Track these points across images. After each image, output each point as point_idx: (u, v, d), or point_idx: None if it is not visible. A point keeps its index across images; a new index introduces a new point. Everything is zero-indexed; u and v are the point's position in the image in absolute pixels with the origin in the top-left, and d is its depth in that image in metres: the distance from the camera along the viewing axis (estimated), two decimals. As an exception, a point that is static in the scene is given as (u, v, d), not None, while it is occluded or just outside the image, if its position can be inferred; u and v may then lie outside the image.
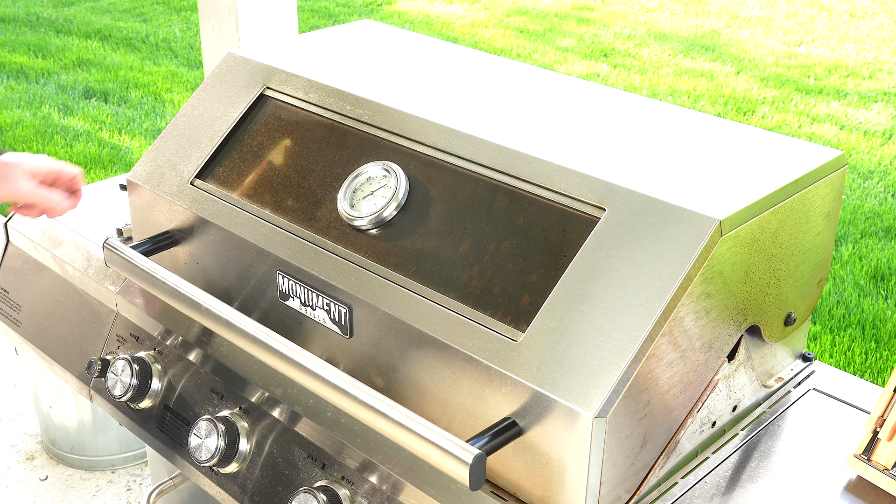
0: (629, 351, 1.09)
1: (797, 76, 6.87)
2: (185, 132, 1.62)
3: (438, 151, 1.37)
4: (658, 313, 1.10)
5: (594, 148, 1.33)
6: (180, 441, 1.50)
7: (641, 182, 1.22)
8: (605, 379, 1.09)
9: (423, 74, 1.62)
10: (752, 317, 1.27)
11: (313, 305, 1.36)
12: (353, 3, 8.64)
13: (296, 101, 1.55)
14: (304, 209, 1.44)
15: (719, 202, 1.17)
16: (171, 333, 1.56)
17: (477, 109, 1.46)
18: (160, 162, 1.60)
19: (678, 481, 1.25)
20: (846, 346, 3.73)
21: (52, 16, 7.88)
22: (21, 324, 1.83)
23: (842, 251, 4.44)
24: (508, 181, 1.29)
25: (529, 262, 1.22)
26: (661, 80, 6.77)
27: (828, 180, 1.32)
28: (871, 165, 5.41)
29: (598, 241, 1.18)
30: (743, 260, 1.20)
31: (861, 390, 1.44)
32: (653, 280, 1.12)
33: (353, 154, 1.45)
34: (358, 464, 1.30)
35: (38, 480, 3.02)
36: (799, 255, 1.33)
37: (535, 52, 7.37)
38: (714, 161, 1.32)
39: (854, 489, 1.25)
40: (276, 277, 1.40)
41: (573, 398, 1.09)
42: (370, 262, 1.33)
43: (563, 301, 1.16)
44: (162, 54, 7.07)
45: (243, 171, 1.53)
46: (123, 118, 5.81)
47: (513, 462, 1.18)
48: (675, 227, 1.15)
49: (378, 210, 1.34)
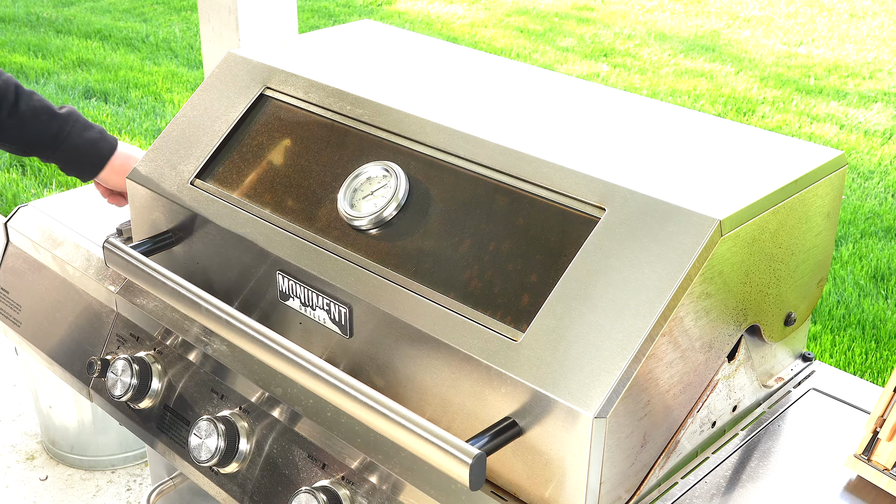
0: (629, 351, 1.09)
1: (797, 76, 6.88)
2: (185, 132, 1.62)
3: (438, 151, 1.37)
4: (658, 313, 1.10)
5: (594, 148, 1.33)
6: (180, 441, 1.50)
7: (641, 182, 1.22)
8: (605, 379, 1.09)
9: (423, 74, 1.62)
10: (752, 317, 1.27)
11: (313, 305, 1.36)
12: (353, 3, 8.64)
13: (296, 101, 1.55)
14: (304, 209, 1.44)
15: (719, 202, 1.17)
16: (171, 333, 1.56)
17: (477, 109, 1.46)
18: (160, 162, 1.60)
19: (678, 481, 1.25)
20: (846, 346, 3.73)
21: (52, 16, 7.88)
22: (21, 324, 1.83)
23: (842, 251, 4.44)
24: (508, 181, 1.29)
25: (529, 262, 1.23)
26: (661, 80, 6.77)
27: (828, 180, 1.32)
28: (871, 165, 5.41)
29: (598, 241, 1.18)
30: (743, 260, 1.20)
31: (861, 390, 1.44)
32: (653, 280, 1.12)
33: (353, 154, 1.45)
34: (358, 464, 1.30)
35: (38, 480, 3.02)
36: (799, 255, 1.33)
37: (536, 52, 7.37)
38: (714, 161, 1.32)
39: (854, 489, 1.25)
40: (276, 277, 1.40)
41: (573, 398, 1.09)
42: (370, 262, 1.33)
43: (563, 301, 1.16)
44: (162, 54, 7.07)
45: (243, 171, 1.53)
46: (123, 118, 5.81)
47: (513, 462, 1.18)
48: (676, 227, 1.15)
49: (378, 210, 1.34)
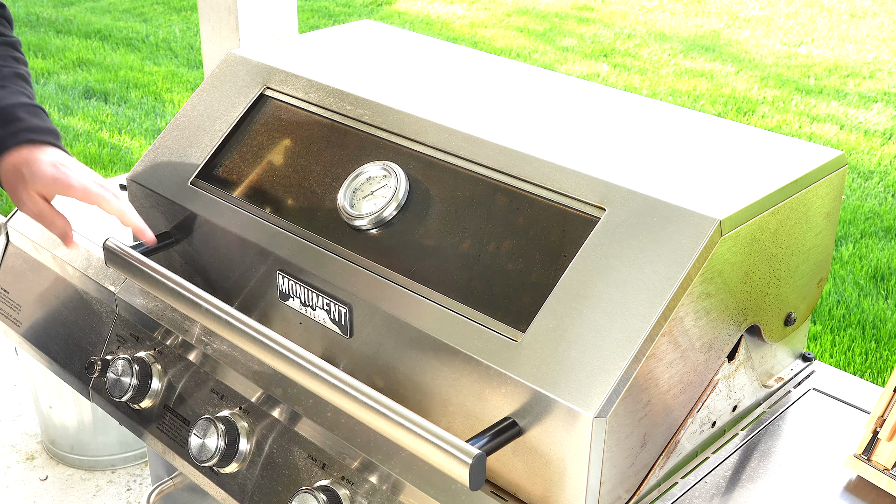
0: (629, 351, 1.09)
1: (797, 76, 6.88)
2: (185, 132, 1.62)
3: (438, 151, 1.37)
4: (658, 313, 1.10)
5: (594, 148, 1.33)
6: (180, 441, 1.50)
7: (641, 182, 1.22)
8: (605, 379, 1.09)
9: (423, 75, 1.62)
10: (752, 317, 1.27)
11: (313, 305, 1.36)
12: (353, 3, 8.64)
13: (296, 100, 1.55)
14: (304, 209, 1.44)
15: (719, 202, 1.17)
16: (170, 333, 1.56)
17: (477, 110, 1.46)
18: (160, 162, 1.60)
19: (678, 481, 1.25)
20: (846, 346, 3.73)
21: (52, 16, 7.88)
22: (21, 324, 1.83)
23: (842, 251, 4.44)
24: (508, 181, 1.29)
25: (529, 262, 1.23)
26: (661, 80, 6.77)
27: (828, 180, 1.32)
28: (871, 165, 5.41)
29: (598, 241, 1.18)
30: (743, 260, 1.20)
31: (861, 390, 1.44)
32: (653, 280, 1.12)
33: (353, 154, 1.45)
34: (358, 464, 1.30)
35: (38, 480, 3.02)
36: (799, 255, 1.33)
37: (536, 52, 7.37)
38: (714, 161, 1.32)
39: (854, 489, 1.25)
40: (276, 277, 1.40)
41: (573, 398, 1.09)
42: (370, 262, 1.33)
43: (563, 301, 1.16)
44: (162, 54, 7.07)
45: (243, 171, 1.53)
46: (123, 118, 5.81)
47: (513, 462, 1.18)
48: (676, 227, 1.15)
49: (378, 210, 1.34)
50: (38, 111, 1.50)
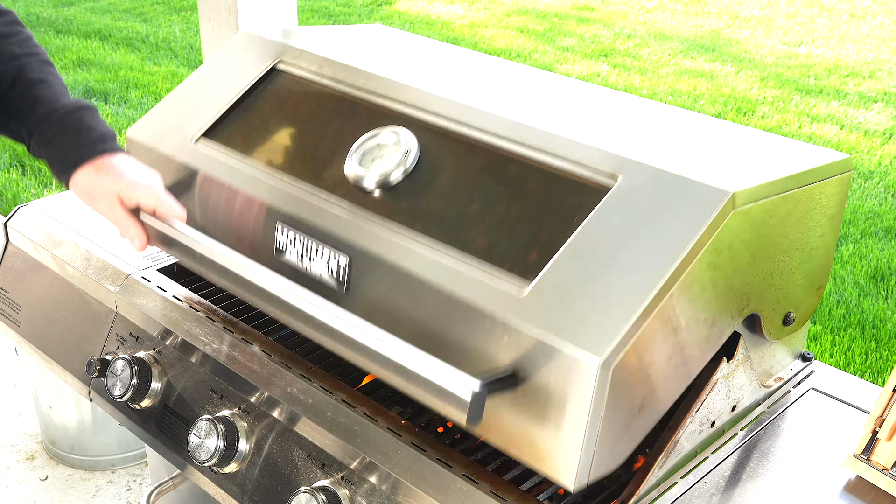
0: (639, 305, 1.08)
1: (797, 76, 6.88)
2: (192, 97, 1.61)
3: (451, 122, 1.36)
4: (669, 273, 1.09)
5: (606, 133, 1.33)
6: (180, 441, 1.50)
7: (654, 157, 1.21)
8: (612, 330, 1.07)
9: (434, 70, 1.61)
10: (755, 304, 1.27)
11: (311, 256, 1.35)
12: (353, 2, 8.65)
13: (309, 73, 1.54)
14: (311, 169, 1.42)
15: (732, 179, 1.17)
16: (170, 333, 1.56)
17: (490, 96, 1.46)
18: (164, 122, 1.59)
19: (678, 481, 1.25)
20: (846, 346, 3.73)
21: (52, 16, 7.88)
22: (21, 324, 1.83)
23: (842, 251, 4.44)
24: (521, 150, 1.28)
25: (539, 224, 1.21)
26: (661, 80, 6.77)
27: (835, 180, 1.33)
28: (871, 165, 5.41)
29: (611, 206, 1.17)
30: (751, 240, 1.20)
31: (861, 390, 1.44)
32: (664, 244, 1.11)
33: (363, 122, 1.43)
34: (358, 464, 1.30)
35: (38, 480, 3.02)
36: (802, 252, 1.33)
37: (536, 52, 7.38)
38: (723, 155, 1.32)
39: (853, 489, 1.25)
40: (277, 229, 1.39)
41: (580, 343, 1.07)
42: (373, 216, 1.31)
43: (572, 257, 1.14)
44: (162, 54, 7.07)
45: (249, 135, 1.52)
46: (123, 118, 5.81)
47: (511, 416, 1.15)
48: (689, 199, 1.14)
49: (387, 171, 1.33)
50: (95, 113, 1.51)
